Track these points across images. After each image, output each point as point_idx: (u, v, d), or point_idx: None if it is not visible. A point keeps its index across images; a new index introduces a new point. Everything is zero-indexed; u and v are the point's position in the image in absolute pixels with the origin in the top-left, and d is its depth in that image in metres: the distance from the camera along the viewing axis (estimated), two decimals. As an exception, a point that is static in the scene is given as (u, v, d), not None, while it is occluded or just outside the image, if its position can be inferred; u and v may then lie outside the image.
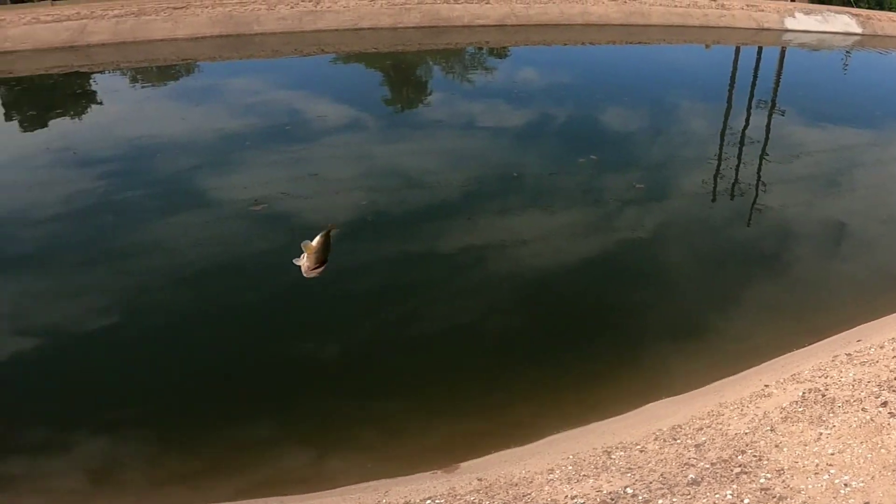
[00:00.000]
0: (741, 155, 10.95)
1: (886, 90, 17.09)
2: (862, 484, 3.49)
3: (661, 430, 4.50)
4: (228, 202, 8.26)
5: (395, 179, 9.14)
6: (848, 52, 21.38)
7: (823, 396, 4.45)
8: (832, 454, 3.77)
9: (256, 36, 17.49)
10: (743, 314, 6.52)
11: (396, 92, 14.45)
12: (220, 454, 4.76)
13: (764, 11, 22.50)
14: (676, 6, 21.76)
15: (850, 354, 5.11)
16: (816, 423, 4.13)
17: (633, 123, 12.18)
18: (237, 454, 4.75)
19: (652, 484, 3.78)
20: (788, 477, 3.63)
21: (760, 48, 20.73)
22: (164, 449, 4.81)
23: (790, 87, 16.33)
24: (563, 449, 4.53)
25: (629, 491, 3.73)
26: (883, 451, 3.72)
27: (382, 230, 7.75)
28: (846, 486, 3.49)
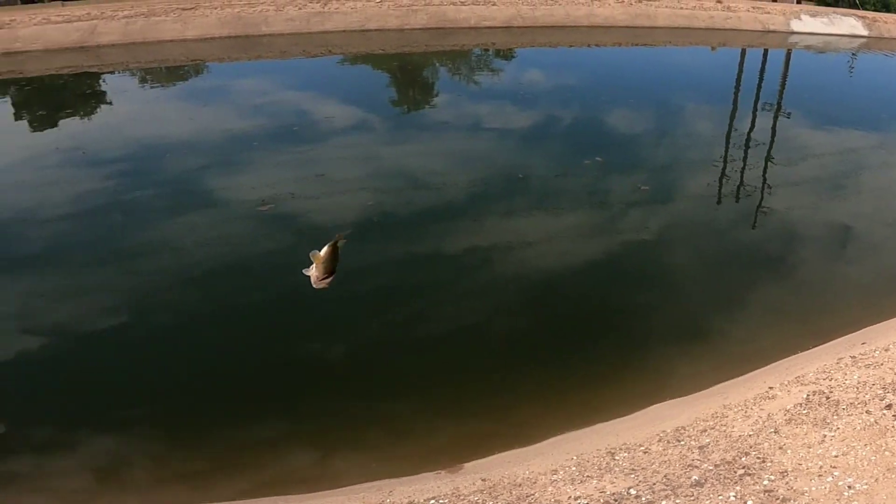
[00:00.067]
0: (747, 157, 10.94)
1: (892, 93, 17.04)
2: (866, 486, 3.50)
3: (664, 431, 4.51)
4: (236, 202, 8.32)
5: (401, 180, 9.18)
6: (854, 54, 21.31)
7: (828, 399, 4.46)
8: (836, 456, 3.78)
9: (265, 37, 17.58)
10: (747, 316, 6.52)
11: (403, 93, 14.50)
12: (226, 453, 4.80)
13: (770, 14, 22.44)
14: (682, 8, 21.74)
15: (854, 357, 5.11)
16: (820, 425, 4.14)
17: (638, 125, 12.19)
18: (243, 453, 4.79)
19: (655, 485, 3.79)
20: (792, 479, 3.65)
21: (766, 50, 20.70)
22: (170, 448, 4.85)
23: (796, 89, 16.30)
24: (566, 450, 4.55)
25: (633, 492, 3.75)
26: (887, 453, 3.73)
27: (389, 231, 7.79)
28: (850, 488, 3.50)
